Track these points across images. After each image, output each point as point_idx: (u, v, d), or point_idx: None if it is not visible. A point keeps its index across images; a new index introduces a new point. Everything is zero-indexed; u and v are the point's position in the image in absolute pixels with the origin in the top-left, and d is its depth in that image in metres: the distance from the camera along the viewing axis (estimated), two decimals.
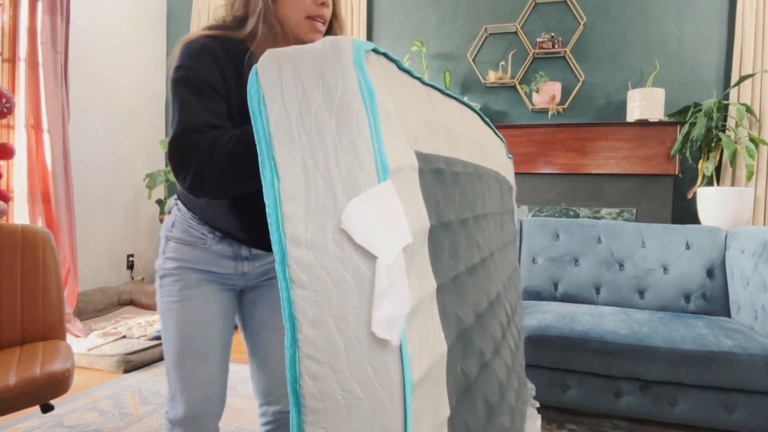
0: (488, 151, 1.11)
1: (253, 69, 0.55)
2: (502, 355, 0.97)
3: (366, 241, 0.49)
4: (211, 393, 1.05)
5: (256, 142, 0.55)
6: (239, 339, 1.26)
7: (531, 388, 1.66)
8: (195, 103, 0.85)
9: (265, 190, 0.53)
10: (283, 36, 0.94)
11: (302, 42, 0.94)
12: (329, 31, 1.01)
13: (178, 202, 1.05)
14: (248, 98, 0.54)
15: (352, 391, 0.50)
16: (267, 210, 0.53)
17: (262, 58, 0.55)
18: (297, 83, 0.53)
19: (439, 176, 0.70)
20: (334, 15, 1.00)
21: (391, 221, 0.50)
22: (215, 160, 0.79)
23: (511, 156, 1.66)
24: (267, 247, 1.05)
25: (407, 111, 0.61)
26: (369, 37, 3.70)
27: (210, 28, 0.94)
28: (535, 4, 3.42)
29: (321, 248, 0.51)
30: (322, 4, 0.93)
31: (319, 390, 0.51)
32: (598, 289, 2.28)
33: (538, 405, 1.62)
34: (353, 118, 0.50)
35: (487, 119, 1.14)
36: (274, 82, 0.54)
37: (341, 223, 0.49)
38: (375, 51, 0.55)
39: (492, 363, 0.87)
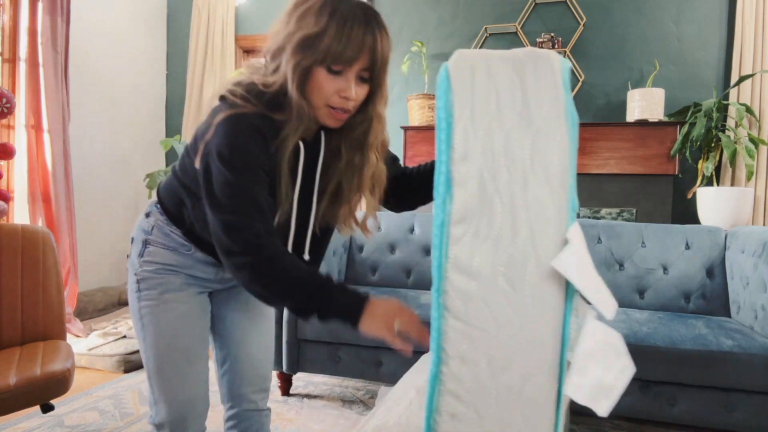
0: None
1: (443, 68, 0.51)
2: None
3: (592, 297, 0.44)
4: (196, 393, 1.04)
5: (437, 149, 0.49)
6: None
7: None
8: (257, 197, 0.84)
9: (435, 208, 0.50)
10: (308, 117, 0.89)
11: (320, 124, 0.91)
12: (369, 105, 0.94)
13: (160, 207, 1.02)
14: (437, 101, 0.51)
15: None
16: (434, 230, 0.49)
17: (454, 60, 0.49)
18: (490, 94, 0.47)
19: None
20: (376, 92, 0.92)
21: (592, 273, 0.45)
22: (276, 279, 0.82)
23: None
24: None
25: None
26: None
27: (249, 95, 0.86)
28: (535, 4, 3.42)
29: (487, 281, 0.45)
30: (345, 98, 0.87)
31: (458, 431, 0.46)
32: None
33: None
34: (555, 146, 0.44)
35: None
36: (466, 90, 0.48)
37: (557, 266, 0.43)
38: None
39: None
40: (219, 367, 1.17)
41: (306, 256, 0.99)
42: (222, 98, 0.89)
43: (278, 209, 0.91)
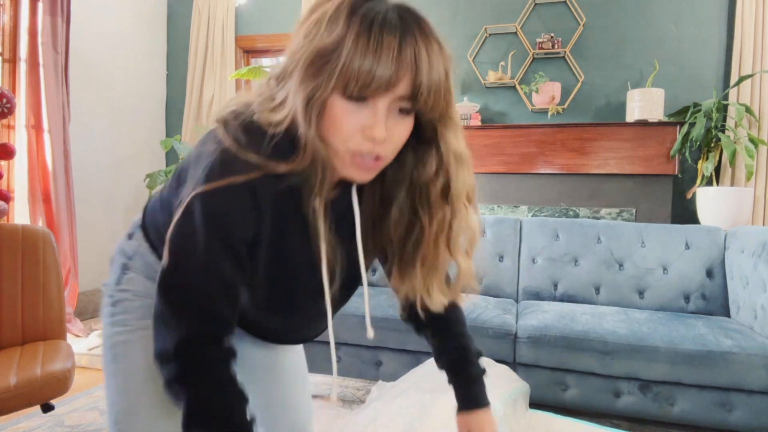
0: None
1: None
2: None
3: None
4: None
5: None
6: None
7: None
8: (217, 289, 0.62)
9: None
10: (331, 168, 0.65)
11: (342, 177, 0.66)
12: (439, 141, 0.68)
13: (143, 232, 0.83)
14: None
15: None
16: None
17: None
18: None
19: None
20: (442, 122, 0.67)
21: None
22: (195, 395, 0.61)
23: None
24: None
25: None
26: None
27: (248, 136, 0.61)
28: (535, 4, 3.42)
29: None
30: (373, 138, 0.61)
31: None
32: (597, 289, 2.29)
33: None
34: None
35: None
36: None
37: None
38: None
39: None
40: None
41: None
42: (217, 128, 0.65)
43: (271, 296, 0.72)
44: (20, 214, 2.94)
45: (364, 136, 0.61)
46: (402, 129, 0.64)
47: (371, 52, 0.57)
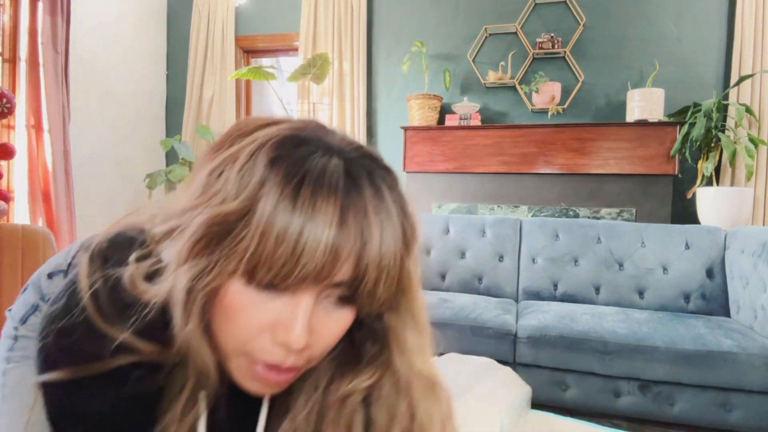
0: None
1: None
2: None
3: None
4: None
5: None
6: None
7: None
8: None
9: None
10: (214, 376, 0.44)
11: (238, 385, 0.45)
12: (389, 354, 0.48)
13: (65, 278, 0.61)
14: None
15: None
16: None
17: None
18: None
19: None
20: (400, 325, 0.48)
21: None
22: None
23: None
24: None
25: None
26: (369, 37, 3.70)
27: (115, 300, 0.43)
28: (535, 4, 3.42)
29: None
30: (287, 345, 0.40)
31: None
32: (597, 289, 2.29)
33: None
34: None
35: None
36: None
37: None
38: None
39: None
40: None
41: None
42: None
43: None
44: (20, 214, 2.94)
45: (275, 340, 0.41)
46: (336, 325, 0.43)
47: (297, 225, 0.37)
